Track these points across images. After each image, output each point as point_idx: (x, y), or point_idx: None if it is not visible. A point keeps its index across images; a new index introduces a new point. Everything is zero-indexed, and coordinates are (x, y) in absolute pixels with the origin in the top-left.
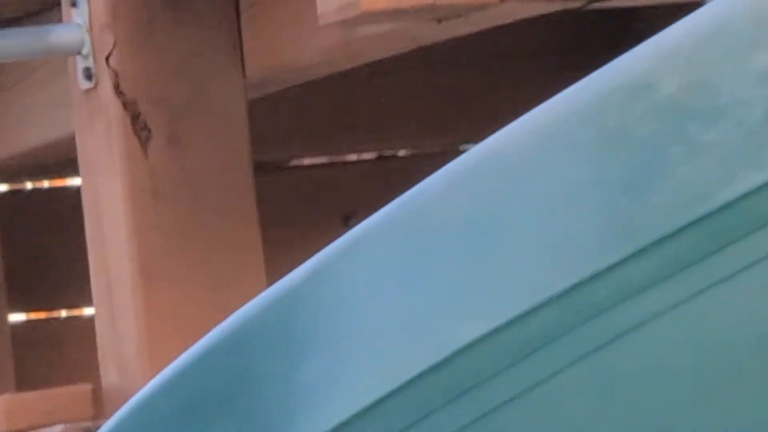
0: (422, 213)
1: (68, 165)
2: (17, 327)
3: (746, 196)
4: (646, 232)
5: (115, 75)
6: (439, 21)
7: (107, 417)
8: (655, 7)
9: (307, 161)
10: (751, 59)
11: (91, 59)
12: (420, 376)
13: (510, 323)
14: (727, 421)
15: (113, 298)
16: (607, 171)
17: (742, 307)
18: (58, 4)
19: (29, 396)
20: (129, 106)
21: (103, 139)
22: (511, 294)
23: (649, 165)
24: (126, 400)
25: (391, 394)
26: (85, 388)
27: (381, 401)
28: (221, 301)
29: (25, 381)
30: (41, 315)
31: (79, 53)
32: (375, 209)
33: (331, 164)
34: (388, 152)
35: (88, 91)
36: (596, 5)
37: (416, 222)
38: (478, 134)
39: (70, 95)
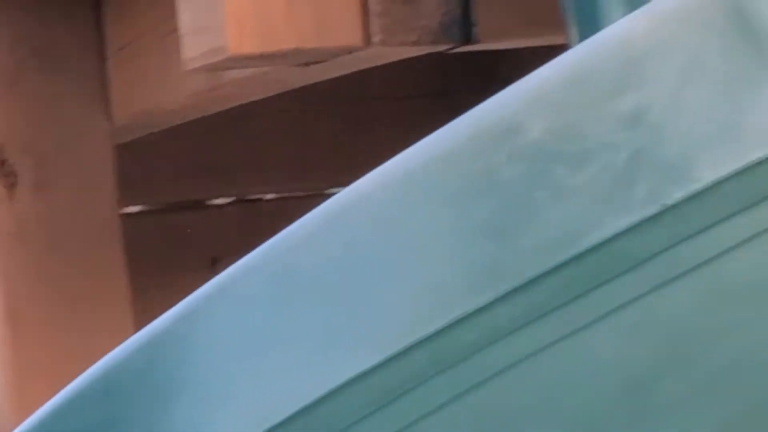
0: (291, 257)
1: None
2: None
3: (613, 239)
4: (513, 275)
5: None
6: (306, 65)
7: None
8: (522, 51)
9: (173, 205)
10: (616, 103)
11: None
12: (289, 420)
13: (381, 365)
14: None
15: None
16: (475, 215)
17: (610, 349)
18: None
19: None
20: None
21: None
22: (380, 337)
23: (516, 209)
24: None
25: None
26: None
27: None
28: (88, 347)
29: None
30: None
31: None
32: (242, 253)
33: (198, 208)
34: (255, 196)
35: None
36: (463, 49)
37: (285, 266)
38: (346, 178)
39: None
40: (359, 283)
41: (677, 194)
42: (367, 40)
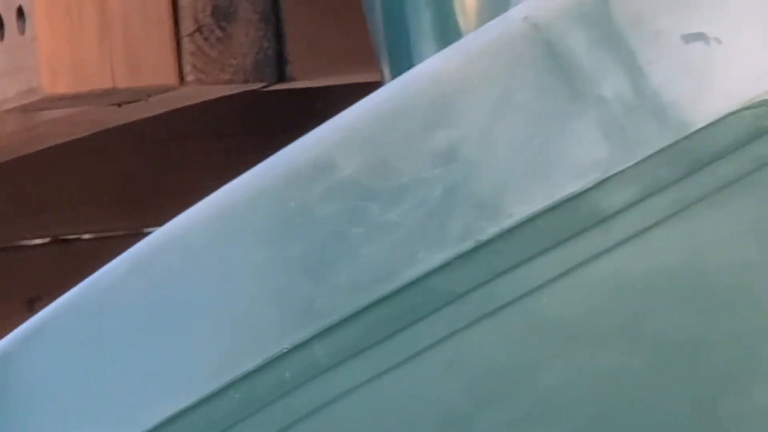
0: (106, 296)
1: None
2: None
3: (427, 275)
4: (328, 312)
5: None
6: (120, 104)
7: None
8: (341, 88)
9: None
10: (429, 139)
11: None
12: None
13: (194, 406)
14: None
15: None
16: (290, 252)
17: (426, 385)
18: None
19: None
20: None
21: None
22: (194, 377)
23: (331, 246)
24: None
25: None
26: None
27: None
28: None
29: None
30: None
31: None
32: (60, 293)
33: (14, 248)
34: (72, 236)
35: None
36: (277, 87)
37: (100, 305)
38: (165, 217)
39: None
40: (173, 322)
41: (491, 230)
42: (181, 79)
